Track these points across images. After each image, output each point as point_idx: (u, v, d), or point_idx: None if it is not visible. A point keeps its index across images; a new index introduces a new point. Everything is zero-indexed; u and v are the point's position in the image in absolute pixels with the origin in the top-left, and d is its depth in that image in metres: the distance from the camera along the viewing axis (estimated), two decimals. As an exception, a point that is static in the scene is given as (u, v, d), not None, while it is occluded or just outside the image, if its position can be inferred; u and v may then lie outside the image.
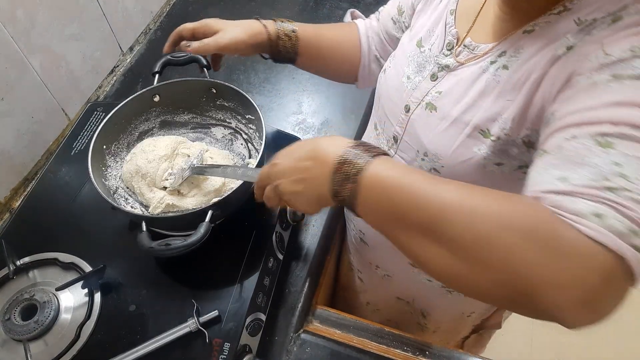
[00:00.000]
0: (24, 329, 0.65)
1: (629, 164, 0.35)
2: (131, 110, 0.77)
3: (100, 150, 0.73)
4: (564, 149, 0.38)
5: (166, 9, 1.29)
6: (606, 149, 0.36)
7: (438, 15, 0.62)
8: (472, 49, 0.55)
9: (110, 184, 0.74)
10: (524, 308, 0.37)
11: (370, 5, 1.27)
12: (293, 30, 0.75)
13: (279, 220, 0.77)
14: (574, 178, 0.36)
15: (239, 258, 0.71)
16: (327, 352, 0.74)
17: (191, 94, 0.79)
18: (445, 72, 0.58)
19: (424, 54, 0.62)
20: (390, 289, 0.89)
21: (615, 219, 0.33)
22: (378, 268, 0.86)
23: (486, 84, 0.52)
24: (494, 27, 0.54)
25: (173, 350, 0.63)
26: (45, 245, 0.74)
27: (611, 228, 0.33)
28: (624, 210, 0.33)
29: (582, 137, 0.38)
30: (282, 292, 0.78)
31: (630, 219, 0.33)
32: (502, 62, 0.51)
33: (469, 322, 0.91)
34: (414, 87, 0.61)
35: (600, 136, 0.37)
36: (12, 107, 0.85)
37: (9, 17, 0.80)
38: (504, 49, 0.52)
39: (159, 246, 0.58)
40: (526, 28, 0.50)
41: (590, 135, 0.37)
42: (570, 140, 0.38)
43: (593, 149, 0.36)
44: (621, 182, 0.34)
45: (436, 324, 0.92)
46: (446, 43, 0.59)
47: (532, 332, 1.68)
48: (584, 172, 0.36)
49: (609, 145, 0.36)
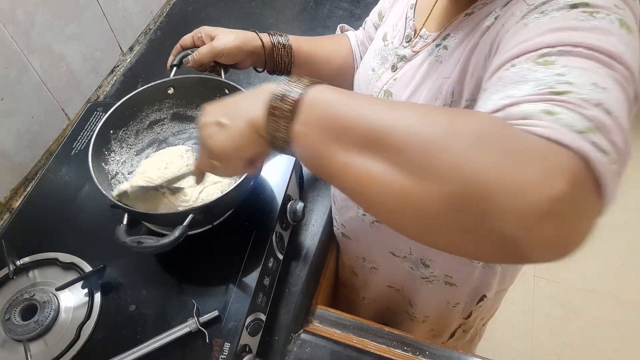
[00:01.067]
0: (24, 329, 0.65)
1: (572, 73, 0.32)
2: (144, 99, 0.77)
3: (107, 134, 0.73)
4: (504, 78, 0.36)
5: (166, 9, 1.29)
6: (548, 66, 0.33)
7: (401, 11, 0.66)
8: (425, 38, 0.59)
9: (110, 169, 0.74)
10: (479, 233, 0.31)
11: (370, 6, 1.26)
12: (287, 41, 0.77)
13: (279, 220, 0.77)
14: (517, 94, 0.33)
15: (239, 258, 0.71)
16: (327, 352, 0.74)
17: (205, 91, 0.79)
18: (403, 62, 0.62)
19: (387, 47, 0.66)
20: (380, 279, 0.91)
21: (569, 116, 0.30)
22: (365, 260, 0.89)
23: (429, 65, 0.56)
24: (442, 14, 0.58)
25: (173, 350, 0.63)
26: (45, 245, 0.74)
27: (567, 124, 0.29)
28: (576, 108, 0.30)
29: (522, 63, 0.35)
30: (282, 292, 0.78)
31: (584, 116, 0.30)
32: (444, 44, 0.55)
33: (457, 313, 0.92)
34: (377, 78, 0.66)
35: (540, 57, 0.34)
36: (12, 107, 0.85)
37: (9, 17, 0.80)
38: (448, 32, 0.56)
39: (132, 242, 0.57)
40: (467, 11, 0.53)
41: (530, 59, 0.35)
42: (510, 68, 0.36)
43: (534, 68, 0.34)
44: (568, 87, 0.31)
45: (423, 314, 0.93)
46: (405, 35, 0.63)
47: (532, 332, 1.68)
48: (527, 87, 0.33)
49: (550, 63, 0.34)
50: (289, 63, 0.77)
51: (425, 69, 0.57)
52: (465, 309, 0.91)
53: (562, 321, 1.69)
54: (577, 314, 1.70)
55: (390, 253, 0.80)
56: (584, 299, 1.71)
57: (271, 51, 0.75)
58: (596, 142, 0.29)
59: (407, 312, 0.95)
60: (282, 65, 0.77)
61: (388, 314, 1.02)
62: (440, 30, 0.57)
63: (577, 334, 1.67)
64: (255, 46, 0.73)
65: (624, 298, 1.72)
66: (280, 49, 0.75)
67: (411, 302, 0.91)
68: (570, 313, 1.70)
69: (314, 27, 1.22)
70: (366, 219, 0.77)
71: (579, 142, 0.29)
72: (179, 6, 1.30)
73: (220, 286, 0.69)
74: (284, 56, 0.76)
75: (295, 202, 0.80)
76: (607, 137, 0.30)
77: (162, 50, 1.20)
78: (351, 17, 1.24)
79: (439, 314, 0.92)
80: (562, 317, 1.70)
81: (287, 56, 0.76)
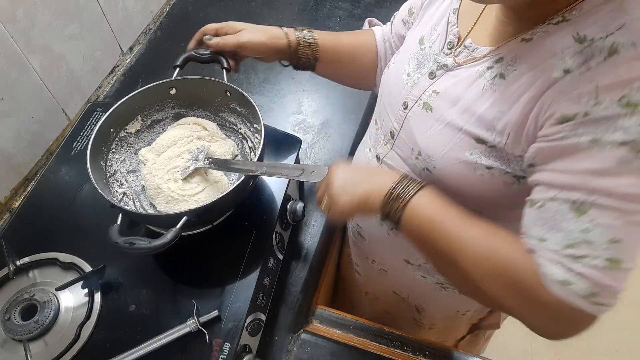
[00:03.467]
0: (24, 329, 0.65)
1: (595, 231, 0.43)
2: (146, 99, 0.77)
3: (107, 134, 0.73)
4: (545, 210, 0.46)
5: (166, 9, 1.29)
6: (579, 216, 0.43)
7: (441, 14, 0.62)
8: (471, 50, 0.56)
9: (108, 166, 0.74)
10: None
11: (371, 6, 1.27)
12: (313, 37, 0.78)
13: (279, 220, 0.77)
14: (550, 241, 0.45)
15: (239, 258, 0.71)
16: (327, 352, 0.74)
17: (207, 92, 0.80)
18: (443, 70, 0.58)
19: (424, 51, 0.62)
20: (387, 283, 0.90)
21: (580, 287, 0.43)
22: (374, 262, 0.87)
23: (482, 90, 0.53)
24: (494, 30, 0.54)
25: (173, 350, 0.63)
26: (45, 245, 0.74)
27: (578, 292, 0.43)
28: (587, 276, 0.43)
29: (560, 201, 0.45)
30: (282, 292, 0.79)
31: (592, 283, 0.43)
32: (499, 70, 0.51)
33: (465, 321, 0.91)
34: (412, 84, 0.62)
35: (575, 203, 0.44)
36: (12, 107, 0.85)
37: (9, 17, 0.80)
38: (501, 55, 0.52)
39: (124, 243, 0.57)
40: (525, 36, 0.50)
41: (567, 201, 0.44)
42: (551, 201, 0.46)
43: (568, 215, 0.44)
44: (587, 250, 0.43)
45: (431, 320, 0.92)
46: (447, 42, 0.59)
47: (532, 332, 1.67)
48: (559, 238, 0.45)
49: (582, 212, 0.43)
50: (313, 60, 0.78)
51: (476, 94, 0.53)
52: (474, 316, 0.90)
53: (562, 321, 1.69)
54: (577, 314, 1.70)
55: (404, 260, 0.78)
56: (584, 299, 1.71)
57: (295, 49, 0.76)
58: (599, 301, 0.43)
59: (413, 319, 0.94)
60: (306, 62, 0.78)
61: (387, 318, 1.01)
62: (491, 47, 0.53)
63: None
64: (280, 44, 0.75)
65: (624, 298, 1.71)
66: (306, 47, 0.77)
67: (419, 308, 0.90)
68: (570, 313, 1.70)
69: (314, 28, 1.21)
70: (384, 226, 0.75)
71: (585, 305, 0.43)
72: (179, 6, 1.30)
73: (220, 286, 0.69)
74: (309, 54, 0.77)
75: (295, 202, 0.80)
76: (609, 295, 0.43)
77: (162, 50, 1.20)
78: (351, 17, 1.24)
79: (447, 322, 0.92)
80: (562, 317, 1.70)
81: (311, 54, 0.78)
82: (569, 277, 0.43)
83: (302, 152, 0.97)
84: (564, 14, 0.46)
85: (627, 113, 0.41)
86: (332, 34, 0.81)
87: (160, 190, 0.71)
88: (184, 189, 0.72)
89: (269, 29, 0.76)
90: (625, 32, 0.42)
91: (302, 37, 0.77)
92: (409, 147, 0.62)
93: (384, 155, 0.69)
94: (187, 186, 0.73)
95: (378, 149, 0.71)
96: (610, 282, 0.43)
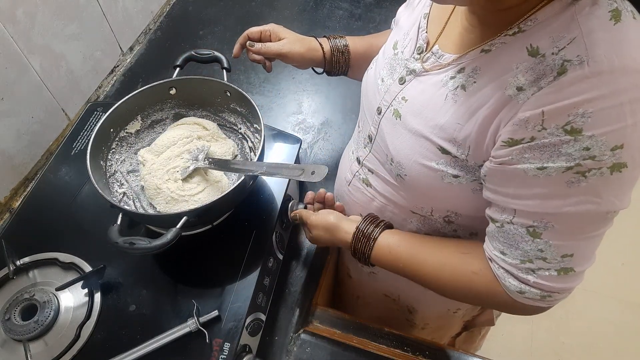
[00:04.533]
0: (24, 329, 0.65)
1: (549, 251, 0.49)
2: (146, 98, 0.78)
3: (107, 133, 0.74)
4: (504, 230, 0.52)
5: (166, 9, 1.29)
6: (534, 239, 0.49)
7: (414, 19, 0.63)
8: (437, 56, 0.56)
9: (108, 166, 0.74)
10: None
11: (371, 6, 1.27)
12: (345, 45, 0.82)
13: (279, 220, 0.77)
14: (509, 255, 0.53)
15: (239, 258, 0.71)
16: (327, 352, 0.74)
17: (207, 92, 0.80)
18: (412, 76, 0.59)
19: (397, 56, 0.63)
20: (377, 286, 0.90)
21: (533, 294, 0.52)
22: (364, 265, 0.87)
23: (444, 100, 0.54)
24: (459, 37, 0.55)
25: (173, 350, 0.63)
26: (45, 245, 0.74)
27: (532, 297, 0.52)
28: (539, 286, 0.51)
29: (517, 225, 0.50)
30: (282, 292, 0.79)
31: (544, 291, 0.51)
32: (461, 81, 0.52)
33: (458, 319, 0.92)
34: (385, 90, 0.63)
35: (530, 228, 0.49)
36: (12, 107, 0.85)
37: (9, 17, 0.80)
38: (463, 65, 0.52)
39: (124, 243, 0.57)
40: (484, 47, 0.50)
41: (523, 225, 0.50)
42: (508, 224, 0.51)
43: (525, 237, 0.50)
44: (541, 264, 0.50)
45: (423, 320, 0.93)
46: (417, 47, 0.60)
47: (532, 332, 1.68)
48: (517, 254, 0.52)
49: (536, 235, 0.49)
50: (345, 67, 0.83)
51: (439, 104, 0.54)
52: (466, 314, 0.91)
53: (562, 321, 1.69)
54: (577, 314, 1.70)
55: None
56: (585, 300, 1.71)
57: (330, 59, 0.81)
58: (553, 299, 0.52)
59: (406, 319, 0.95)
60: (339, 70, 0.84)
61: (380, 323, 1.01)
62: (456, 54, 0.54)
63: (577, 334, 1.67)
64: (317, 56, 0.80)
65: (624, 298, 1.72)
66: (339, 57, 0.82)
67: (410, 309, 0.91)
68: (570, 313, 1.70)
69: (314, 28, 1.23)
70: None
71: (540, 303, 0.53)
72: (179, 6, 1.30)
73: (220, 286, 0.69)
74: (342, 62, 0.82)
75: (295, 202, 0.80)
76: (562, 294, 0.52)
77: (162, 50, 1.20)
78: (351, 17, 1.24)
79: (440, 320, 0.92)
80: (562, 317, 1.70)
81: (344, 62, 0.83)
82: (523, 288, 0.52)
83: (302, 152, 0.97)
84: (520, 24, 0.47)
85: (569, 140, 0.43)
86: (363, 39, 0.84)
87: (159, 190, 0.71)
88: (184, 189, 0.72)
89: (307, 40, 0.80)
90: (575, 47, 0.42)
91: (336, 47, 0.81)
92: (384, 153, 0.64)
93: (363, 158, 0.71)
94: (187, 186, 0.73)
95: (359, 152, 0.73)
96: (561, 285, 0.50)
